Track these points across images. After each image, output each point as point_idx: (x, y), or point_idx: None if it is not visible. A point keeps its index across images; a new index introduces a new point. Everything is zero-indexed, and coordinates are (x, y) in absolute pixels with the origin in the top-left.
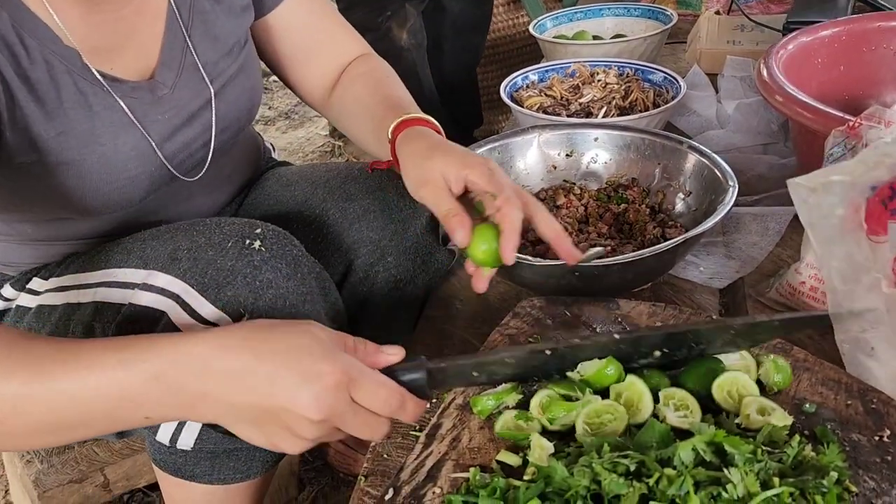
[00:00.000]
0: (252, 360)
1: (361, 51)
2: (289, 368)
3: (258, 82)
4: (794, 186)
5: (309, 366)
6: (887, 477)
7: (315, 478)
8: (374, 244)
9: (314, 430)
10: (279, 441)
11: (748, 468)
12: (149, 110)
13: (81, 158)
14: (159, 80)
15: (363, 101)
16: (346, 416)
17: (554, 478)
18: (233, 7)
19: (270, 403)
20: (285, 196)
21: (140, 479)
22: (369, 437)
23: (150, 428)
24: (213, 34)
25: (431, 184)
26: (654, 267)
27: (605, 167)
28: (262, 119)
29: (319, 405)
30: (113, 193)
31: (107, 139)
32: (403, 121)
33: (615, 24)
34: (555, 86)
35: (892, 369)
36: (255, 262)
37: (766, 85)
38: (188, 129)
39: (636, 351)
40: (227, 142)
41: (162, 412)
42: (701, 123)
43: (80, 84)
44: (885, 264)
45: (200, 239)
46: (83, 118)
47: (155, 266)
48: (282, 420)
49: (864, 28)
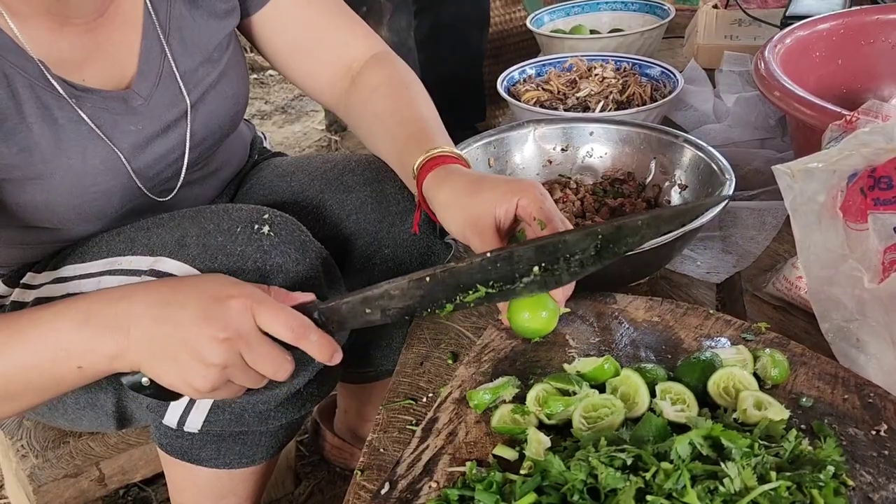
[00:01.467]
0: (169, 292)
1: (372, 47)
2: (200, 293)
3: (242, 88)
4: (779, 172)
5: (217, 290)
6: (884, 471)
7: (312, 472)
8: (370, 236)
9: (220, 353)
10: (190, 374)
11: (745, 462)
12: (120, 121)
13: (49, 173)
14: (135, 91)
15: (385, 123)
16: (250, 341)
17: (550, 472)
18: (214, 10)
19: (182, 328)
20: (281, 187)
21: (135, 473)
22: (272, 373)
23: (157, 411)
24: (191, 40)
25: (480, 224)
26: (650, 261)
27: (601, 161)
28: (259, 113)
29: (225, 323)
30: (84, 207)
31: (74, 153)
32: (431, 159)
33: (612, 18)
34: (552, 80)
35: (881, 362)
36: (264, 247)
37: (764, 80)
38: (163, 141)
39: (514, 269)
40: (207, 151)
41: (91, 360)
42: (698, 118)
43: (43, 97)
44: (869, 256)
45: (209, 225)
46: (47, 132)
47: (162, 252)
48: (191, 346)
49: (861, 21)
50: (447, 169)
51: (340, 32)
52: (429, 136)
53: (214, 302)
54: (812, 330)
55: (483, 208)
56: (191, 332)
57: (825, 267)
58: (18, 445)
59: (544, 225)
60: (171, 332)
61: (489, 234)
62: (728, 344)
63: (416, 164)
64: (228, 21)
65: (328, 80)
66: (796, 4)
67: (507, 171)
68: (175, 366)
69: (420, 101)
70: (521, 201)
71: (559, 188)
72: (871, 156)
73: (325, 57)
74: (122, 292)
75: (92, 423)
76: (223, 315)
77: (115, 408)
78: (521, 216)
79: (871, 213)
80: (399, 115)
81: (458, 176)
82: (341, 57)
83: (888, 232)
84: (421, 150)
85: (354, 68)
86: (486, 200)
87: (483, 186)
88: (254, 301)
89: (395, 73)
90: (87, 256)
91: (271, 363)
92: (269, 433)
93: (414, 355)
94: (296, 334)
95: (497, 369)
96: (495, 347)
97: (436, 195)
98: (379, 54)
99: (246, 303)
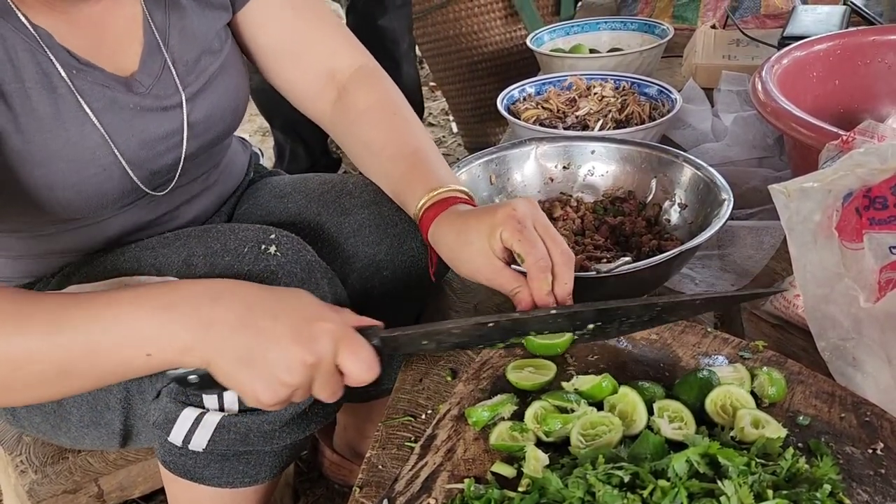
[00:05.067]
0: (254, 297)
1: (358, 58)
2: (292, 309)
3: (242, 82)
4: (775, 192)
5: (308, 311)
6: (881, 490)
7: (310, 489)
8: (369, 259)
9: (297, 375)
10: (260, 386)
11: (742, 480)
12: (120, 99)
13: (46, 143)
14: (138, 79)
15: (377, 157)
16: (326, 371)
17: (548, 489)
18: (210, 1)
19: (268, 340)
20: (278, 208)
21: (134, 489)
22: (326, 398)
23: (163, 429)
24: (191, 31)
25: (484, 270)
26: (649, 279)
27: (601, 179)
28: (261, 130)
29: (313, 348)
30: (83, 186)
31: (72, 125)
32: (435, 204)
33: (612, 37)
34: (551, 98)
35: (877, 380)
36: (271, 267)
37: (761, 99)
38: (160, 124)
39: (572, 324)
40: (207, 145)
41: (162, 348)
42: (696, 137)
43: (44, 65)
44: (865, 275)
45: (215, 245)
46: (46, 100)
47: (169, 272)
48: (272, 360)
49: (858, 42)
50: (446, 217)
51: (327, 40)
52: (427, 170)
53: (306, 323)
54: (809, 348)
55: (480, 256)
56: (277, 347)
57: (821, 285)
58: (18, 461)
59: (523, 259)
60: (252, 339)
61: (496, 272)
62: (725, 362)
63: (418, 205)
64: (222, 13)
65: (312, 88)
66: (794, 25)
67: (509, 189)
68: (247, 373)
69: (411, 127)
70: (503, 234)
71: (560, 206)
72: (867, 176)
73: (309, 63)
74: (207, 286)
75: (94, 442)
76: (313, 340)
77: (121, 426)
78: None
79: (866, 233)
80: (391, 149)
81: (455, 222)
82: (326, 65)
83: (884, 251)
84: (422, 188)
85: (339, 79)
86: (477, 248)
87: (472, 233)
88: (342, 333)
89: (384, 96)
90: (92, 276)
91: (331, 391)
92: (273, 453)
93: (413, 372)
94: (372, 375)
95: (496, 386)
96: (494, 364)
97: (439, 244)
98: (365, 67)
99: (335, 332)
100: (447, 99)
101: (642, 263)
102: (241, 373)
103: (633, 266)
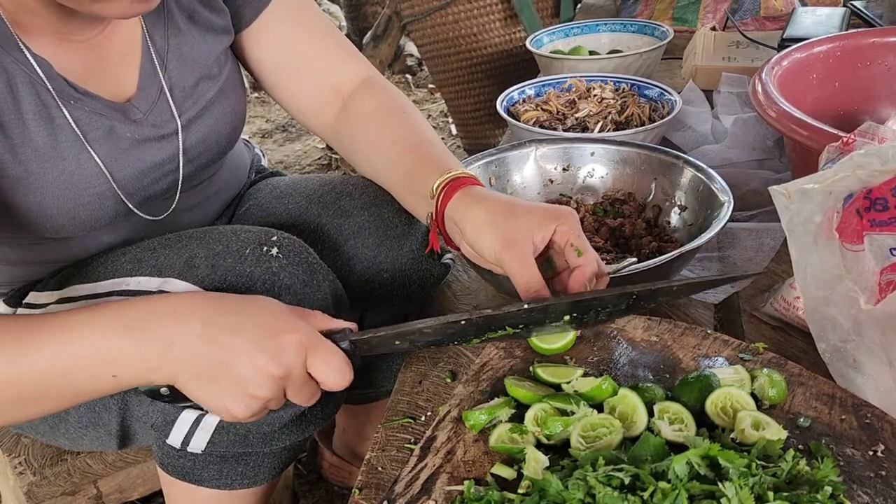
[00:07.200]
0: (217, 311)
1: (362, 71)
2: (255, 322)
3: (240, 105)
4: (775, 193)
5: (272, 322)
6: (881, 492)
7: (309, 491)
8: (369, 260)
9: (267, 388)
10: (230, 401)
11: (743, 482)
12: (117, 128)
13: (42, 171)
14: (135, 105)
15: (384, 152)
16: (298, 380)
17: (549, 491)
18: (211, 26)
19: (232, 355)
20: (278, 209)
21: (133, 491)
22: (304, 403)
23: (161, 431)
24: (190, 57)
25: (518, 245)
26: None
27: (601, 181)
28: (260, 132)
29: (280, 360)
30: (78, 212)
31: (69, 153)
32: (453, 180)
33: (611, 39)
34: (551, 100)
35: (878, 382)
36: (273, 269)
37: (761, 101)
38: (155, 152)
39: (547, 317)
40: (204, 166)
41: (127, 369)
42: (696, 138)
43: (42, 95)
44: (865, 276)
45: (217, 246)
46: (44, 131)
47: (170, 273)
48: (237, 374)
49: (858, 44)
50: (474, 190)
51: (330, 55)
52: (441, 158)
53: (270, 335)
54: (810, 350)
55: (521, 232)
56: (241, 362)
57: (821, 287)
58: (16, 462)
59: (581, 252)
60: (217, 354)
61: (528, 257)
62: (726, 364)
63: (434, 185)
64: (223, 37)
65: (316, 103)
66: (794, 27)
67: (508, 191)
68: (216, 389)
69: (420, 124)
70: (560, 227)
71: None
72: (867, 177)
73: (313, 79)
74: (167, 303)
75: (93, 443)
76: (279, 352)
77: (119, 427)
78: (557, 242)
79: (867, 235)
80: (401, 143)
81: (492, 198)
82: (330, 80)
83: (884, 253)
84: (436, 171)
85: (344, 92)
86: (524, 224)
87: (520, 210)
88: (309, 342)
89: (389, 99)
90: (92, 276)
91: (307, 397)
92: (272, 454)
93: (412, 374)
94: (345, 381)
95: (496, 388)
96: (494, 366)
97: (465, 215)
98: (369, 79)
99: (302, 342)
100: (446, 101)
101: (642, 265)
102: (209, 389)
103: (634, 268)
